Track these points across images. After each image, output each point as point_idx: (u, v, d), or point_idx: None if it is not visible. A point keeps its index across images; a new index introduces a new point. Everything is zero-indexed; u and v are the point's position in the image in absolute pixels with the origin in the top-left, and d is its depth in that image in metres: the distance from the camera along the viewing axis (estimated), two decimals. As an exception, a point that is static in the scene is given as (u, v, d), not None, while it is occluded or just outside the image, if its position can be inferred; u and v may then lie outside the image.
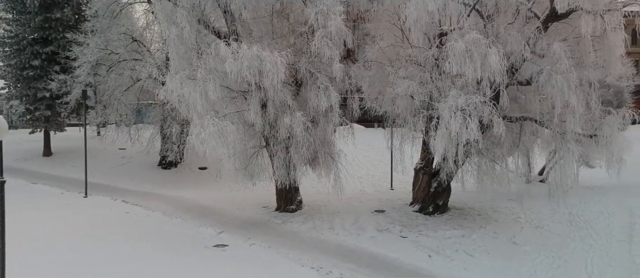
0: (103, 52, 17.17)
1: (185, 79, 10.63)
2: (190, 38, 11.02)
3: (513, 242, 11.67)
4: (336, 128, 13.47)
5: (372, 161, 21.67)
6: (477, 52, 10.20)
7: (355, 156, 22.84)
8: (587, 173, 18.56)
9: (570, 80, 10.64)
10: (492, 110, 10.55)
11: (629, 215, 13.93)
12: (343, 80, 11.73)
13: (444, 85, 11.14)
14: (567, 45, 11.50)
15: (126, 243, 10.45)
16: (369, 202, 15.18)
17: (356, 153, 22.93)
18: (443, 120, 10.39)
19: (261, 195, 15.17)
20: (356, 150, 22.59)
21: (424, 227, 12.39)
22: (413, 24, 10.85)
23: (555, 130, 11.27)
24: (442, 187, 13.14)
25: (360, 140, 22.77)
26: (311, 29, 11.53)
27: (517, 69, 11.43)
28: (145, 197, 15.71)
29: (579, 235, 12.22)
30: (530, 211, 13.96)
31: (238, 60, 10.10)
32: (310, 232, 12.13)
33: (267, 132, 11.75)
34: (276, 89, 10.67)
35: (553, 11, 11.06)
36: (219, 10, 11.94)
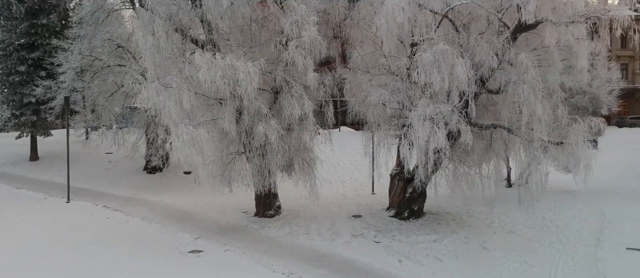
0: (87, 59, 17.35)
1: (161, 87, 10.84)
2: (166, 47, 11.23)
3: (483, 247, 11.94)
4: (314, 134, 13.77)
5: (356, 165, 21.94)
6: (445, 62, 10.49)
7: (341, 160, 23.18)
8: (566, 178, 18.99)
9: (536, 89, 10.96)
10: (460, 119, 10.84)
11: (600, 220, 14.25)
12: (318, 88, 11.97)
13: (414, 94, 11.42)
14: (535, 55, 11.86)
15: (101, 249, 10.64)
16: (348, 207, 15.43)
17: (342, 157, 23.28)
18: (412, 128, 10.66)
19: (242, 200, 15.37)
20: (342, 154, 22.99)
21: (398, 232, 12.64)
22: (384, 35, 11.14)
23: (523, 138, 11.57)
24: (417, 192, 13.41)
25: (348, 144, 23.17)
26: (287, 38, 11.80)
27: (487, 79, 11.74)
28: (127, 202, 15.88)
29: (549, 240, 12.51)
30: (505, 216, 14.27)
31: (212, 69, 10.33)
32: (286, 238, 12.35)
33: (243, 139, 11.98)
34: (250, 97, 10.90)
35: (521, 22, 11.37)
36: (197, 19, 12.17)
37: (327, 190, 18.94)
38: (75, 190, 17.36)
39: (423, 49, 10.87)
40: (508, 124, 11.81)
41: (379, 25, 11.06)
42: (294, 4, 11.68)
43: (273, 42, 12.32)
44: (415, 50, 11.61)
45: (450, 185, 12.89)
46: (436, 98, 11.02)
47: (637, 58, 50.90)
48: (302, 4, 11.77)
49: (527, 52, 11.38)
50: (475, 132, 12.58)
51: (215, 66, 10.35)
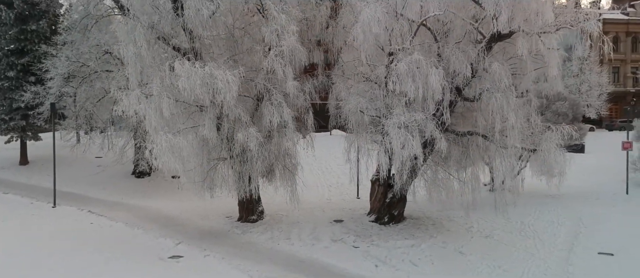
0: (74, 65, 17.54)
1: (142, 95, 11.05)
2: (147, 56, 11.45)
3: (460, 252, 12.17)
4: (297, 140, 14.01)
5: (343, 169, 22.08)
6: (419, 72, 10.75)
7: (329, 164, 23.39)
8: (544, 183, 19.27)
9: (509, 98, 11.23)
10: (434, 127, 11.09)
11: (577, 225, 14.52)
12: (297, 96, 12.20)
13: (392, 102, 11.66)
14: (511, 64, 12.14)
15: (81, 255, 10.82)
16: (331, 212, 15.65)
17: (330, 161, 23.47)
18: (387, 136, 10.91)
19: (227, 205, 15.55)
20: (330, 158, 23.16)
21: (377, 237, 12.86)
22: (361, 45, 11.39)
23: (498, 145, 11.83)
24: (396, 198, 13.62)
25: (337, 147, 23.30)
26: (269, 47, 12.03)
27: (463, 87, 12.00)
28: (113, 207, 16.06)
29: (524, 245, 12.76)
30: (485, 220, 14.51)
31: (191, 78, 10.54)
32: (267, 243, 12.55)
33: (224, 146, 12.20)
34: (230, 105, 11.11)
35: (496, 32, 11.63)
36: (180, 27, 12.37)
37: (314, 194, 19.20)
38: (62, 194, 17.52)
39: (399, 58, 11.13)
40: (484, 131, 12.07)
41: (356, 35, 11.31)
42: (275, 14, 11.91)
43: (255, 50, 12.55)
44: (392, 59, 11.85)
45: (428, 190, 13.14)
46: (412, 106, 11.27)
47: (628, 62, 51.47)
48: (283, 13, 12.01)
49: (502, 61, 11.66)
50: (452, 139, 12.88)
51: (195, 75, 10.56)
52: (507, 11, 10.89)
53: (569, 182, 20.29)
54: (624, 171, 20.00)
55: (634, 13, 52.07)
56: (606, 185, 20.20)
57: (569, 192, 19.31)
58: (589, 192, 19.27)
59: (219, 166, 13.05)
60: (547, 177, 12.22)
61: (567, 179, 20.21)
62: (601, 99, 35.54)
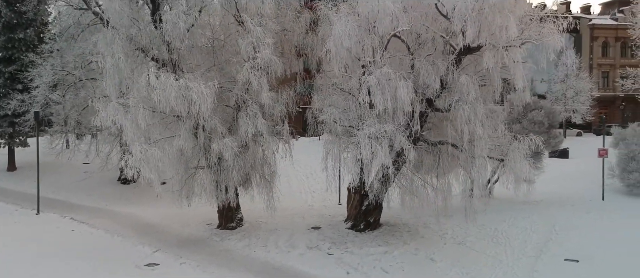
0: (60, 74, 17.81)
1: (119, 106, 11.34)
2: (125, 68, 11.75)
3: (431, 258, 12.49)
4: (277, 148, 14.33)
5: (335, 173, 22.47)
6: (388, 85, 11.11)
7: (314, 169, 23.58)
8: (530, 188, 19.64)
9: (477, 109, 11.58)
10: (403, 137, 11.42)
11: (549, 231, 14.84)
12: (273, 106, 12.52)
13: (363, 113, 11.99)
14: (481, 76, 12.49)
15: (56, 263, 11.07)
16: (311, 218, 15.94)
17: (315, 167, 23.72)
18: (358, 146, 11.24)
19: (209, 212, 15.78)
20: (316, 163, 23.44)
21: (352, 244, 13.17)
22: (333, 58, 11.73)
23: (466, 154, 12.17)
24: (372, 205, 13.94)
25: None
26: (248, 58, 12.34)
27: (435, 98, 12.33)
28: (96, 214, 16.30)
29: (495, 252, 13.08)
30: (459, 227, 14.81)
31: (166, 90, 10.85)
32: (243, 250, 12.84)
33: (202, 155, 12.49)
34: (205, 116, 11.42)
35: (465, 45, 11.98)
36: (158, 39, 12.68)
37: (297, 200, 19.50)
38: (48, 201, 17.76)
39: (370, 71, 11.47)
40: (454, 140, 12.40)
41: (329, 49, 11.66)
42: (251, 27, 12.24)
43: (233, 61, 12.87)
44: (364, 72, 12.19)
45: (402, 198, 13.46)
46: (383, 117, 11.60)
47: (617, 66, 52.12)
48: (259, 26, 12.34)
49: (471, 74, 12.03)
50: (425, 148, 13.23)
51: (170, 87, 10.88)
52: (474, 26, 11.27)
53: (548, 187, 20.98)
54: (598, 177, 20.41)
55: (622, 18, 52.77)
56: (584, 191, 20.55)
57: (547, 198, 19.68)
58: (566, 198, 19.63)
59: (197, 174, 13.34)
60: (515, 185, 12.54)
61: (547, 185, 20.95)
62: (586, 105, 36.04)
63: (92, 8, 12.62)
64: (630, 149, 20.13)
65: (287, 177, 21.69)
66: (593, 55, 53.02)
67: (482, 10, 11.16)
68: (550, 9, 11.68)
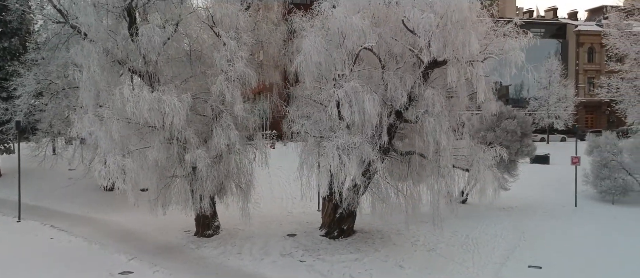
0: (43, 82, 18.07)
1: (94, 118, 11.66)
2: (101, 80, 12.08)
3: (400, 265, 12.86)
4: (254, 157, 14.69)
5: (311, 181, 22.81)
6: (356, 98, 11.50)
7: (296, 176, 24.01)
8: (507, 195, 20.09)
9: (442, 121, 12.02)
10: (371, 148, 11.82)
11: (518, 238, 15.29)
12: (247, 118, 12.89)
13: (334, 125, 12.38)
14: (449, 89, 12.92)
15: (31, 271, 11.32)
16: (289, 225, 16.28)
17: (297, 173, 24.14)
18: (326, 157, 11.62)
19: (188, 219, 16.04)
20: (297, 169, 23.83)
21: (325, 251, 13.52)
22: (304, 72, 12.12)
23: (433, 165, 12.59)
24: (345, 213, 14.31)
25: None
26: (219, 71, 12.71)
27: (404, 110, 12.73)
28: (76, 221, 16.54)
29: (462, 258, 13.48)
30: (431, 234, 15.18)
31: (139, 103, 11.18)
32: (218, 258, 13.15)
33: (177, 165, 12.82)
34: (178, 128, 11.75)
35: (432, 59, 12.39)
36: (135, 51, 13.01)
37: (277, 206, 19.80)
38: (30, 208, 17.97)
39: (339, 85, 11.87)
40: (421, 151, 12.82)
41: (299, 63, 12.05)
42: (225, 40, 12.61)
43: (208, 74, 13.23)
44: (334, 85, 12.58)
45: (372, 205, 13.85)
46: (353, 129, 12.00)
47: (603, 72, 53.01)
48: (233, 40, 12.71)
49: (440, 87, 12.47)
50: (396, 158, 13.65)
51: (143, 100, 11.20)
52: (438, 41, 11.70)
53: (526, 193, 21.48)
54: (578, 183, 20.93)
55: (607, 25, 53.80)
56: (559, 197, 21.07)
57: (522, 205, 20.17)
58: (540, 204, 20.12)
59: (174, 183, 13.65)
60: (480, 193, 12.97)
61: (524, 191, 21.43)
62: (568, 111, 36.75)
63: (69, 22, 12.92)
64: (603, 157, 20.71)
65: (269, 184, 22.05)
66: (579, 60, 53.94)
67: (445, 27, 11.60)
68: (514, 25, 12.05)
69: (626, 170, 20.45)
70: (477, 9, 11.98)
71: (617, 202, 19.96)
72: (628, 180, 20.37)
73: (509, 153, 18.31)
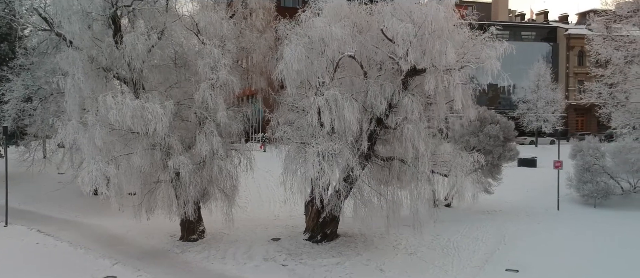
0: (31, 88, 18.20)
1: (78, 125, 11.84)
2: (85, 88, 12.26)
3: (380, 269, 13.10)
4: (239, 163, 14.92)
5: (299, 185, 22.99)
6: (336, 106, 11.76)
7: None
8: (492, 198, 20.41)
9: (420, 128, 12.30)
10: (351, 155, 12.07)
11: (499, 241, 15.58)
12: (229, 125, 13.11)
13: (315, 131, 12.62)
14: (427, 96, 13.19)
15: (15, 277, 11.45)
16: (274, 229, 16.48)
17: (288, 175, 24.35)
18: (306, 163, 11.86)
19: (174, 223, 16.21)
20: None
21: (307, 256, 13.74)
22: (286, 80, 12.37)
23: (413, 170, 12.85)
24: (329, 217, 14.55)
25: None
26: (201, 79, 12.93)
27: (385, 117, 13.01)
28: (63, 226, 16.66)
29: (442, 262, 13.74)
30: (414, 238, 15.39)
31: (122, 110, 11.37)
32: (201, 262, 13.34)
33: (160, 171, 13.01)
34: (161, 135, 11.94)
35: (412, 67, 12.66)
36: (120, 58, 13.20)
37: (264, 210, 19.96)
38: (18, 212, 18.04)
39: (320, 93, 12.13)
40: (402, 156, 13.09)
41: (280, 71, 12.30)
42: (208, 48, 12.84)
43: (190, 81, 13.45)
44: (316, 92, 12.83)
45: (355, 210, 14.10)
46: (333, 136, 12.24)
47: (593, 75, 53.65)
48: (216, 48, 12.94)
49: (416, 95, 12.73)
50: (378, 163, 13.91)
51: (125, 107, 11.39)
52: (417, 50, 12.00)
53: (511, 197, 21.80)
54: (562, 187, 21.29)
55: (596, 28, 54.48)
56: (543, 200, 21.39)
57: (506, 208, 20.49)
58: (524, 207, 20.44)
59: (159, 188, 13.84)
60: (458, 197, 13.25)
61: (510, 194, 21.74)
62: (556, 114, 37.24)
63: (54, 29, 13.10)
64: (586, 161, 21.07)
65: (258, 187, 22.28)
66: (569, 64, 54.58)
67: (423, 36, 11.89)
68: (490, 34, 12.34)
69: (608, 174, 20.83)
70: (454, 18, 12.26)
71: (598, 206, 20.32)
72: (610, 184, 20.76)
73: (492, 158, 18.68)
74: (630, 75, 22.16)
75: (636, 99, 22.16)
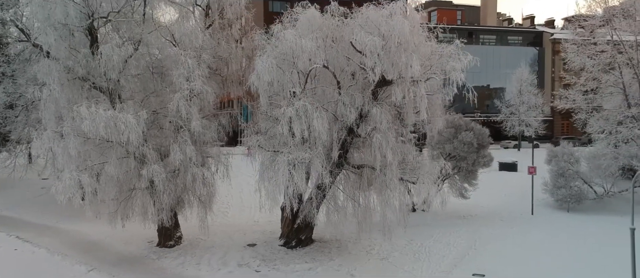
0: (13, 95, 18.38)
1: (53, 135, 12.10)
2: (61, 98, 12.52)
3: (351, 274, 13.46)
4: (217, 170, 15.24)
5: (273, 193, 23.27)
6: (305, 116, 12.13)
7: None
8: (469, 203, 20.85)
9: (388, 137, 12.70)
10: (321, 163, 12.43)
11: (470, 246, 15.99)
12: (203, 133, 13.42)
13: (287, 140, 12.96)
14: (396, 107, 13.59)
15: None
16: (252, 234, 16.77)
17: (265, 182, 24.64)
18: (277, 172, 12.21)
19: (154, 230, 16.49)
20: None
21: (281, 261, 14.07)
22: (257, 89, 12.72)
23: (383, 177, 13.23)
24: (303, 223, 14.89)
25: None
26: (176, 89, 13.24)
27: (356, 126, 13.38)
28: (43, 232, 16.86)
29: (412, 267, 14.13)
30: (387, 242, 15.75)
31: (95, 120, 11.64)
32: (177, 268, 13.61)
33: (135, 180, 13.28)
34: (135, 144, 12.23)
35: (381, 78, 13.04)
36: (97, 68, 13.45)
37: (245, 215, 20.16)
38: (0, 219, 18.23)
39: (290, 103, 12.49)
40: (373, 164, 13.46)
41: (252, 82, 12.65)
42: (182, 59, 13.15)
43: (166, 91, 13.76)
44: (287, 103, 13.19)
45: (327, 216, 14.47)
46: (303, 145, 12.60)
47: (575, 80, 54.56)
48: (192, 58, 13.25)
49: (385, 105, 13.15)
50: (350, 171, 14.30)
51: (99, 118, 11.67)
52: (385, 62, 12.40)
53: (489, 201, 22.26)
54: (539, 192, 21.80)
55: (582, 33, 55.43)
56: (519, 205, 21.86)
57: (481, 213, 20.93)
58: (499, 212, 20.90)
59: (135, 196, 14.10)
60: (427, 204, 13.66)
61: (489, 199, 22.19)
62: (538, 119, 37.92)
63: (32, 41, 13.34)
64: (560, 166, 21.59)
65: (240, 192, 22.55)
66: (555, 68, 55.44)
67: (389, 49, 12.29)
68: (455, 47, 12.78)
69: (583, 179, 21.37)
70: (419, 32, 12.68)
71: (572, 210, 20.84)
72: (583, 189, 21.30)
73: (467, 164, 19.14)
74: (603, 83, 22.74)
75: (609, 105, 22.72)
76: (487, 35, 55.27)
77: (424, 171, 13.12)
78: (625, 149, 21.38)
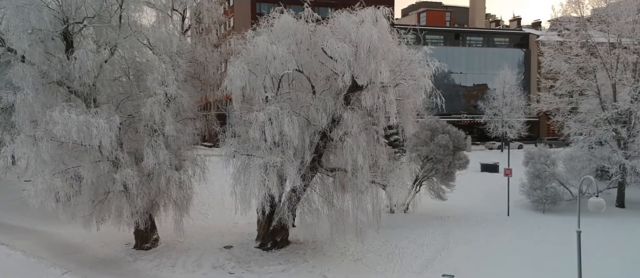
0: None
1: (28, 138, 12.21)
2: (36, 102, 12.64)
3: (324, 275, 13.71)
4: (194, 173, 15.42)
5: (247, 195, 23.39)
6: (276, 120, 12.37)
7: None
8: (448, 204, 21.22)
9: (359, 141, 12.98)
10: (292, 167, 12.68)
11: (442, 247, 16.33)
12: (177, 137, 13.60)
13: (260, 144, 13.19)
14: (369, 112, 13.85)
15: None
16: (230, 236, 16.98)
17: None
18: (250, 175, 12.43)
19: (131, 232, 16.63)
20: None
21: (255, 263, 14.30)
22: (231, 94, 12.94)
23: (354, 180, 13.51)
24: (278, 226, 15.13)
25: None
26: (151, 93, 13.40)
27: (329, 131, 13.63)
28: (21, 235, 16.91)
29: (384, 268, 14.43)
30: (362, 243, 16.03)
31: (68, 125, 11.77)
32: (151, 271, 13.78)
33: (110, 183, 13.42)
34: (108, 148, 12.38)
35: (353, 83, 13.32)
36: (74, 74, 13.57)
37: (224, 216, 20.29)
38: (-22, 221, 18.23)
39: (262, 108, 12.72)
40: (345, 167, 13.72)
41: (225, 86, 12.86)
42: (156, 64, 13.31)
43: (140, 96, 13.91)
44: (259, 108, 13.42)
45: (301, 218, 14.73)
46: (277, 149, 12.83)
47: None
48: (165, 64, 13.41)
49: (357, 110, 13.42)
50: (324, 174, 14.56)
51: (71, 122, 11.80)
52: (354, 68, 12.67)
53: (468, 202, 22.66)
54: (517, 193, 22.23)
55: (567, 34, 56.25)
56: (497, 206, 22.28)
57: (459, 214, 21.30)
58: (476, 213, 21.30)
59: (109, 199, 14.23)
60: (395, 206, 13.96)
61: (468, 200, 22.58)
62: (521, 120, 38.51)
63: (6, 45, 13.42)
64: (536, 168, 22.05)
65: (222, 193, 22.68)
66: (541, 69, 56.19)
67: (360, 56, 12.57)
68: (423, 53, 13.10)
69: (559, 180, 21.84)
70: (389, 39, 12.97)
71: (547, 211, 21.31)
72: (559, 190, 21.76)
73: (443, 166, 19.51)
74: (578, 86, 23.23)
75: (585, 108, 23.22)
76: (474, 37, 55.91)
77: (396, 174, 13.41)
78: (598, 151, 21.90)
